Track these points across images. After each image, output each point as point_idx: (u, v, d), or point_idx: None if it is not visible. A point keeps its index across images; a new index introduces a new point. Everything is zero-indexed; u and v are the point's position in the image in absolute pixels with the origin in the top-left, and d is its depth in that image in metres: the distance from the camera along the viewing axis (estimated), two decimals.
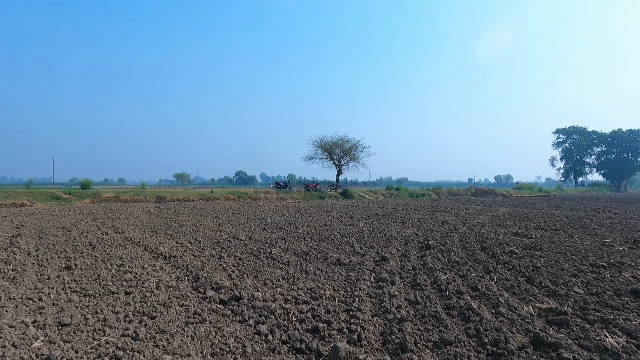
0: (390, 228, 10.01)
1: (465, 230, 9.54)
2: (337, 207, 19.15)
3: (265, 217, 13.23)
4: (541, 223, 11.34)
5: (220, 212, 14.94)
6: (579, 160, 78.62)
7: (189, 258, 5.82)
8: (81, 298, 3.82)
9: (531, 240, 7.86)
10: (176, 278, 4.62)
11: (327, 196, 29.95)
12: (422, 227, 10.38)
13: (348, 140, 34.07)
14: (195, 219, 12.20)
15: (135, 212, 14.96)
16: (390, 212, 15.87)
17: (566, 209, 18.48)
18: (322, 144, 34.28)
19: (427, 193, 38.62)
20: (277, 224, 10.95)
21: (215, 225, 10.62)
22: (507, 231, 9.34)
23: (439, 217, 13.50)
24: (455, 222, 11.56)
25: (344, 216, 13.60)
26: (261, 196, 26.88)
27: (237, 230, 9.38)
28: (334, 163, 35.04)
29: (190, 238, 8.01)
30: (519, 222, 11.58)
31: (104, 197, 22.05)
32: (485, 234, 8.73)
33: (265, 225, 10.51)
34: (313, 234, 8.66)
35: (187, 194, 25.21)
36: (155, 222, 11.21)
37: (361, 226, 10.46)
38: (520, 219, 12.70)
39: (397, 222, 11.69)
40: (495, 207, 19.40)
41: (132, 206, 18.45)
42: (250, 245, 7.10)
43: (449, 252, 6.39)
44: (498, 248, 6.80)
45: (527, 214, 15.10)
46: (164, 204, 21.04)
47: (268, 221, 11.73)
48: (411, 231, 9.50)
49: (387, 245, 7.27)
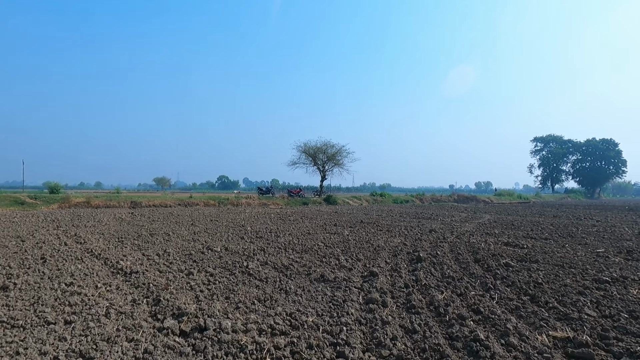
0: (376, 237, 9.51)
1: (454, 240, 9.15)
2: (321, 213, 18.59)
3: (245, 224, 12.52)
4: (529, 231, 11.11)
5: (198, 219, 14.12)
6: (556, 168, 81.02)
7: (153, 274, 5.11)
8: (5, 331, 3.10)
9: (524, 250, 7.51)
10: (132, 301, 3.93)
11: (310, 202, 29.37)
12: (410, 235, 9.94)
13: (332, 146, 33.62)
14: (169, 227, 11.37)
15: (105, 218, 13.94)
16: (376, 219, 15.42)
17: (549, 216, 18.54)
18: (306, 149, 33.67)
19: (410, 199, 38.59)
20: (257, 232, 10.28)
21: (190, 234, 9.85)
22: (498, 240, 9.00)
23: (425, 224, 13.13)
24: (443, 231, 11.19)
25: (329, 224, 13.04)
26: (242, 202, 26.04)
27: (212, 240, 8.66)
28: (318, 168, 34.47)
29: (159, 249, 7.26)
30: (507, 231, 11.32)
31: (74, 202, 20.73)
32: (476, 244, 8.35)
33: (244, 234, 9.83)
34: (295, 244, 8.05)
35: (164, 199, 24.10)
36: (124, 231, 10.34)
37: (346, 235, 9.93)
38: (507, 227, 12.47)
39: (383, 230, 11.22)
40: (479, 214, 19.29)
41: (103, 212, 17.32)
42: (225, 258, 6.43)
43: (442, 266, 5.92)
44: (492, 260, 6.39)
45: (512, 221, 14.96)
46: (138, 209, 19.94)
47: (248, 229, 11.04)
48: (399, 240, 9.03)
49: (375, 257, 6.75)
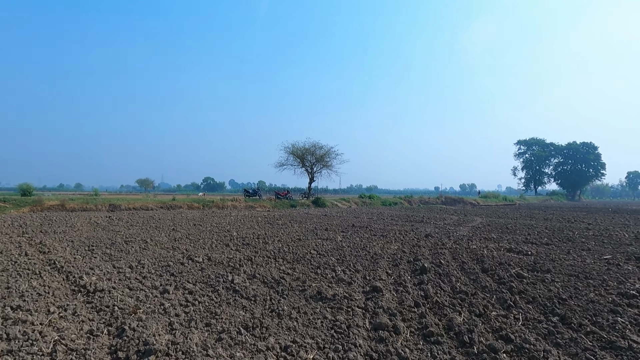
0: (372, 243, 8.94)
1: (453, 246, 8.66)
2: (310, 216, 17.94)
3: (230, 229, 11.76)
4: (527, 236, 10.74)
5: (180, 224, 13.27)
6: (538, 171, 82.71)
7: (121, 292, 4.37)
8: None
9: (530, 258, 7.05)
10: (89, 332, 3.20)
11: (298, 204, 28.67)
12: (407, 241, 9.40)
13: (321, 147, 32.97)
14: (148, 233, 10.52)
15: (78, 223, 12.93)
16: (367, 222, 14.88)
17: (539, 219, 18.40)
18: (294, 150, 32.94)
19: (399, 201, 38.36)
20: (244, 238, 9.56)
21: (170, 240, 9.05)
22: (499, 246, 8.55)
23: (419, 228, 12.66)
24: (440, 235, 10.71)
25: (319, 228, 12.41)
26: (228, 204, 25.14)
27: (194, 248, 7.91)
28: (306, 170, 33.79)
29: (133, 260, 6.48)
30: (504, 235, 10.93)
31: (47, 206, 19.46)
32: (477, 251, 7.86)
33: (229, 240, 9.09)
34: (286, 253, 7.39)
35: (145, 202, 22.99)
36: (97, 237, 9.45)
37: (339, 241, 9.32)
38: (503, 231, 12.11)
39: (377, 235, 10.66)
40: (470, 217, 19.01)
41: (78, 216, 16.21)
42: (208, 270, 5.72)
43: (450, 277, 5.37)
44: (501, 270, 5.88)
45: (505, 224, 14.66)
46: (116, 213, 18.85)
47: (233, 234, 10.29)
48: (396, 247, 8.48)
49: (374, 267, 6.15)
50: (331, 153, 33.07)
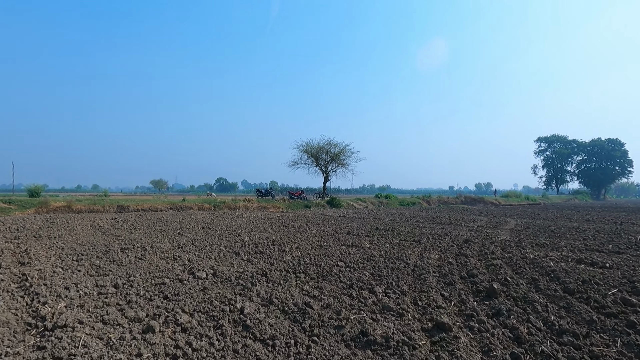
0: (406, 251, 7.59)
1: (504, 254, 7.24)
2: (327, 218, 16.65)
3: (242, 233, 10.57)
4: (584, 242, 9.20)
5: (188, 227, 12.16)
6: (560, 169, 79.38)
7: (87, 331, 3.17)
8: None
9: (615, 272, 5.58)
10: None
11: (313, 205, 27.41)
12: (446, 248, 8.02)
13: (336, 145, 31.53)
14: (150, 237, 9.41)
15: (79, 226, 11.96)
16: (391, 225, 13.50)
17: (578, 220, 16.67)
18: (307, 149, 31.64)
19: (417, 201, 36.71)
20: (257, 244, 8.34)
21: (173, 247, 7.90)
22: (562, 256, 7.08)
23: (452, 232, 11.22)
24: (481, 241, 9.28)
25: (340, 232, 11.11)
26: (240, 205, 24.06)
27: (199, 258, 6.71)
28: (320, 169, 32.47)
29: (122, 274, 5.31)
30: (555, 240, 9.41)
31: (53, 207, 18.72)
32: (539, 261, 6.43)
33: (240, 248, 7.87)
34: (308, 265, 6.11)
35: (154, 203, 22.10)
36: (92, 243, 8.37)
37: (367, 248, 8.00)
38: (550, 235, 10.56)
39: (408, 240, 9.30)
40: (501, 219, 17.39)
41: (83, 218, 15.32)
42: (212, 291, 4.49)
43: (533, 305, 3.99)
44: (592, 291, 4.47)
45: (545, 227, 13.07)
46: (123, 215, 17.94)
47: (245, 240, 9.09)
48: (436, 255, 7.11)
49: (422, 285, 4.82)
50: (346, 151, 31.64)
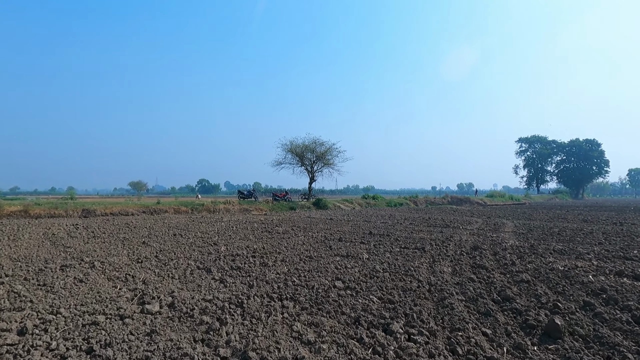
0: (412, 262, 6.43)
1: (528, 266, 6.18)
2: (314, 221, 15.39)
3: (218, 240, 9.17)
4: (606, 247, 8.31)
5: (157, 234, 10.65)
6: (541, 169, 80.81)
7: None
8: None
9: None
10: None
11: (298, 206, 26.08)
12: (455, 257, 6.91)
13: (322, 144, 30.25)
14: (108, 249, 7.91)
15: (27, 235, 10.27)
16: (385, 228, 12.38)
17: (576, 220, 16.05)
18: (292, 148, 30.24)
19: (405, 202, 35.91)
20: (234, 256, 7.00)
21: (130, 262, 6.46)
22: (595, 266, 6.08)
23: (454, 236, 10.17)
24: (490, 246, 8.24)
25: (331, 237, 9.87)
26: (220, 208, 22.48)
27: (159, 277, 5.33)
28: (306, 169, 31.13)
29: (45, 307, 3.89)
30: (572, 246, 8.48)
31: (7, 212, 16.68)
32: (573, 275, 5.38)
33: (213, 262, 6.52)
34: (297, 286, 4.84)
35: (125, 206, 20.28)
36: (30, 258, 6.83)
37: (366, 259, 6.79)
38: (561, 239, 9.67)
39: (409, 248, 8.16)
40: (497, 220, 16.59)
41: (39, 224, 13.50)
42: (161, 339, 3.15)
43: (616, 350, 2.87)
44: None
45: (547, 228, 12.25)
46: (88, 220, 16.14)
47: (221, 250, 7.73)
48: (449, 268, 5.98)
49: (450, 316, 3.64)
50: (333, 150, 30.45)
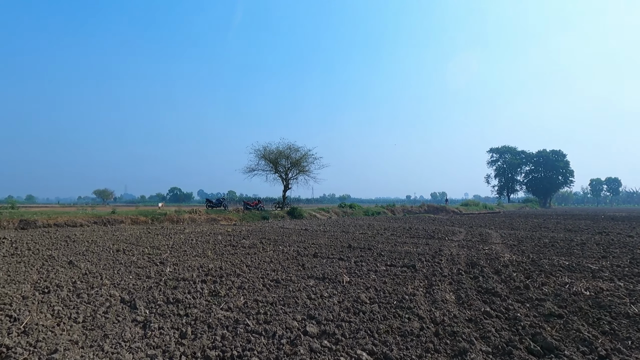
0: (402, 285, 5.15)
1: (545, 289, 5.06)
2: (287, 232, 13.92)
3: (166, 259, 7.54)
4: (608, 260, 7.41)
5: (95, 250, 8.85)
6: (511, 178, 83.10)
7: None
8: None
9: None
10: None
11: (271, 216, 24.47)
12: (454, 277, 5.70)
13: (297, 149, 28.85)
14: (15, 272, 6.12)
15: None
16: (366, 240, 11.13)
17: (557, 229, 15.49)
18: (265, 154, 28.66)
19: (382, 211, 35.05)
20: (178, 282, 5.45)
21: (30, 292, 4.78)
22: (622, 289, 5.03)
23: (441, 249, 9.05)
24: (486, 262, 7.12)
25: (304, 252, 8.47)
26: (185, 217, 20.51)
27: (55, 319, 3.74)
28: (280, 176, 29.57)
29: None
30: (576, 260, 7.53)
31: None
32: (607, 303, 4.28)
33: (146, 291, 4.95)
34: (251, 334, 3.40)
35: (73, 216, 17.95)
36: None
37: (346, 283, 5.44)
38: (558, 252, 8.77)
39: (396, 265, 6.91)
40: (480, 229, 15.77)
41: None
42: None
43: None
44: None
45: (536, 239, 11.44)
46: (24, 232, 13.88)
47: (166, 272, 6.14)
48: (451, 295, 4.75)
49: None
50: (309, 157, 29.10)
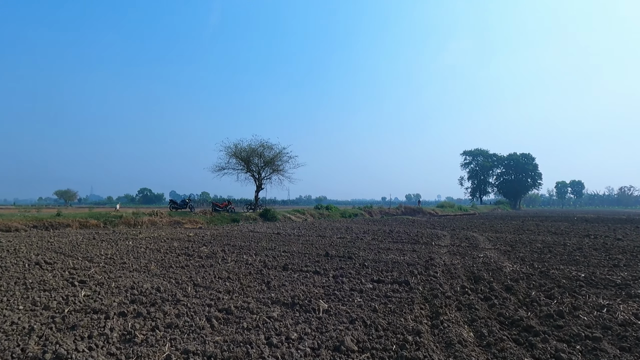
0: (398, 315, 3.81)
1: (590, 321, 3.87)
2: (257, 238, 12.35)
3: (92, 274, 5.84)
4: (618, 269, 6.43)
5: (5, 265, 6.97)
6: (483, 180, 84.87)
7: None
8: None
9: None
10: None
11: (242, 218, 22.70)
12: (459, 298, 4.43)
13: (271, 147, 27.11)
14: None
15: None
16: (345, 247, 9.79)
17: (542, 232, 14.82)
18: (236, 151, 26.75)
19: (359, 212, 34.00)
20: (82, 318, 3.84)
21: None
22: None
23: (432, 257, 7.85)
24: (492, 275, 5.94)
25: (272, 264, 6.99)
26: (144, 220, 18.41)
27: None
28: (252, 176, 27.74)
29: None
30: (584, 269, 6.50)
31: None
32: None
33: (22, 341, 3.33)
34: None
35: (9, 220, 15.50)
36: None
37: (324, 312, 4.03)
38: (561, 260, 7.78)
39: (384, 279, 5.59)
40: (465, 232, 14.87)
41: None
42: None
43: None
44: None
45: (526, 243, 10.55)
46: None
47: (77, 298, 4.50)
48: (468, 332, 3.46)
49: None
50: (283, 155, 27.47)
